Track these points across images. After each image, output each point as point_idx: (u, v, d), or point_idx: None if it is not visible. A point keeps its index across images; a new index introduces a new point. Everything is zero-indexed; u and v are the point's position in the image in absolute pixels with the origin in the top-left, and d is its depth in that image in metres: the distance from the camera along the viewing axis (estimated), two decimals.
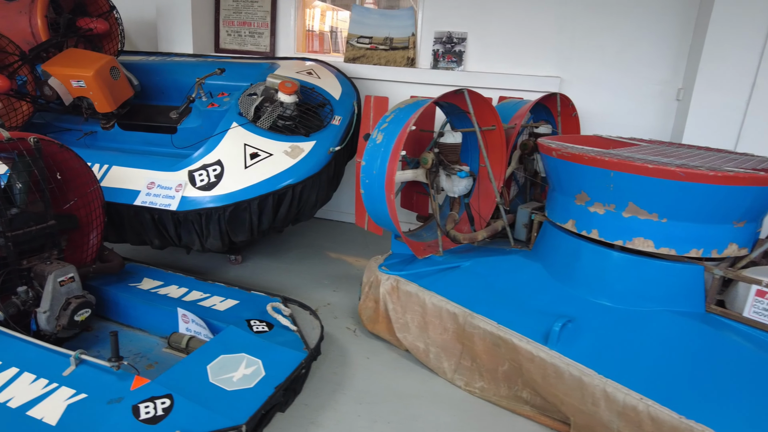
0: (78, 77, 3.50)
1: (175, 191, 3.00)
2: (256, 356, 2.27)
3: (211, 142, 3.14)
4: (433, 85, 4.17)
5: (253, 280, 3.54)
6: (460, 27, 4.09)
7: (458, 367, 2.57)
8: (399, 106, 2.87)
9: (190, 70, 4.09)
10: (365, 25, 4.36)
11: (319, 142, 3.24)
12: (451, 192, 2.83)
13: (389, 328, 2.82)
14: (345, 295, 3.41)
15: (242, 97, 3.38)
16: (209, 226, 2.97)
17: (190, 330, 2.58)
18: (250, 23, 4.59)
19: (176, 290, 2.89)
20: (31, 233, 2.46)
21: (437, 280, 2.72)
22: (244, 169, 3.03)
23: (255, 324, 2.54)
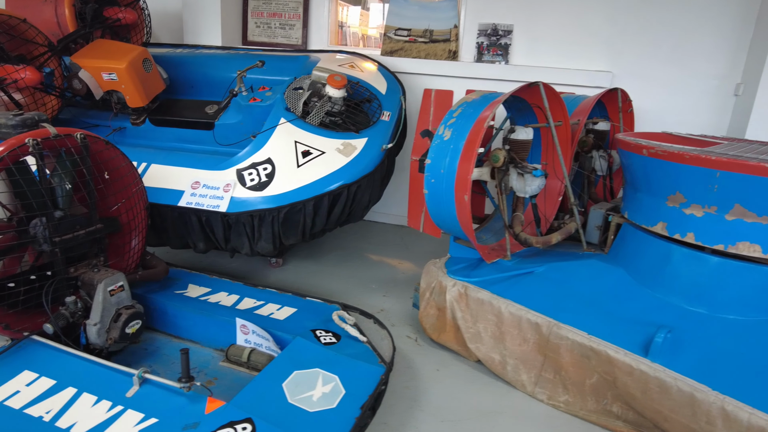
0: (110, 69, 3.29)
1: (223, 192, 2.80)
2: (332, 371, 2.09)
3: (259, 139, 2.94)
4: (477, 79, 3.99)
5: (298, 285, 3.35)
6: (506, 19, 3.92)
7: (539, 379, 2.40)
8: (465, 101, 2.69)
9: (222, 63, 3.89)
10: (403, 17, 4.17)
11: (370, 138, 3.06)
12: (522, 192, 2.66)
13: (458, 337, 2.65)
14: (397, 300, 3.23)
15: (288, 91, 3.19)
16: (261, 228, 2.77)
17: (249, 342, 2.39)
18: (281, 14, 4.38)
19: (227, 297, 2.70)
20: (78, 238, 2.26)
21: (511, 286, 2.55)
22: (297, 167, 2.84)
23: (322, 335, 2.35)
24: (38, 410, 1.82)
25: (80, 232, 2.26)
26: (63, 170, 2.20)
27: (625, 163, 2.56)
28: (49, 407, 1.83)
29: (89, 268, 2.30)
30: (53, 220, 2.17)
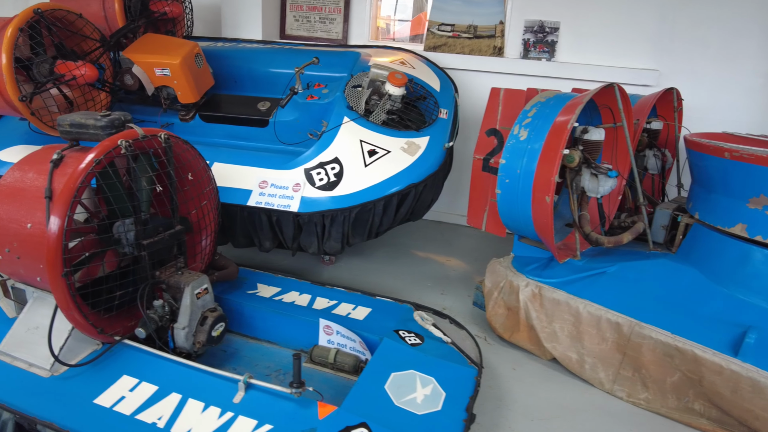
0: (163, 65, 3.23)
1: (293, 191, 2.79)
2: (427, 373, 2.11)
3: (324, 139, 2.92)
4: (522, 76, 3.99)
5: (355, 282, 3.35)
6: (553, 16, 3.91)
7: (617, 377, 2.44)
8: (539, 100, 2.70)
9: (267, 57, 3.84)
10: (447, 12, 4.15)
11: (432, 137, 3.05)
12: (595, 192, 2.68)
13: (531, 337, 2.68)
14: (456, 298, 3.25)
15: (347, 89, 3.16)
16: (332, 228, 2.76)
17: (332, 342, 2.40)
18: (321, 8, 4.32)
19: (299, 297, 2.69)
20: (164, 241, 2.23)
21: (586, 287, 2.58)
22: (365, 167, 2.83)
23: (406, 335, 2.36)
24: (149, 416, 1.81)
25: (164, 234, 2.24)
26: (147, 172, 2.17)
27: (699, 164, 2.59)
28: (159, 413, 1.83)
29: (174, 271, 2.27)
30: (140, 223, 2.14)
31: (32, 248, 1.99)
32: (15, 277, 2.18)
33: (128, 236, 2.14)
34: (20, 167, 2.15)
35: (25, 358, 2.02)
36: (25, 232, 2.00)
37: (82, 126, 2.12)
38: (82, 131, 2.13)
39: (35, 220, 1.98)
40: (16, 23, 2.67)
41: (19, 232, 2.01)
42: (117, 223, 2.15)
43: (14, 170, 2.14)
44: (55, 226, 1.81)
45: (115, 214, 2.15)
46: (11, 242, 2.03)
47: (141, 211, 2.16)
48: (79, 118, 2.14)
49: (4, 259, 2.09)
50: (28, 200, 2.02)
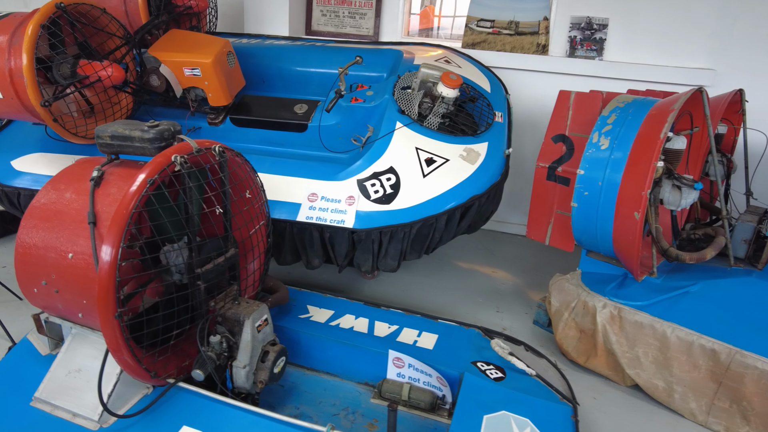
0: (194, 64, 2.94)
1: (346, 205, 2.54)
2: (521, 414, 1.89)
3: (377, 146, 2.67)
4: (569, 75, 3.77)
5: (402, 299, 3.12)
6: (601, 12, 3.68)
7: (711, 408, 2.24)
8: (617, 105, 2.47)
9: (299, 55, 3.56)
10: (487, 7, 3.90)
11: (491, 143, 2.81)
12: (676, 205, 2.47)
13: (611, 362, 2.47)
14: (513, 316, 3.03)
15: (396, 91, 2.91)
16: (390, 245, 2.52)
17: (403, 376, 2.17)
18: (351, 2, 4.05)
19: (355, 321, 2.45)
20: (219, 267, 1.97)
21: (670, 308, 2.37)
22: (423, 177, 2.59)
23: (485, 368, 2.14)
24: None
25: (220, 260, 1.98)
26: (203, 191, 1.91)
27: None
28: None
29: (230, 301, 2.02)
30: (194, 248, 1.88)
31: (74, 281, 1.73)
32: (51, 311, 1.92)
33: (178, 263, 1.88)
34: (55, 186, 1.88)
35: (69, 407, 1.76)
36: (65, 263, 1.73)
37: (126, 138, 1.85)
38: (126, 144, 1.86)
39: (77, 250, 1.72)
40: (38, 19, 2.37)
41: (59, 262, 1.74)
42: (165, 248, 1.89)
43: (49, 190, 1.87)
44: (107, 259, 1.55)
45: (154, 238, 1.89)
46: (49, 274, 1.77)
47: (195, 235, 1.90)
48: (122, 129, 1.87)
49: (40, 292, 1.82)
50: (67, 226, 1.76)
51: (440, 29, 4.38)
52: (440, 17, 4.41)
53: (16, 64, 2.43)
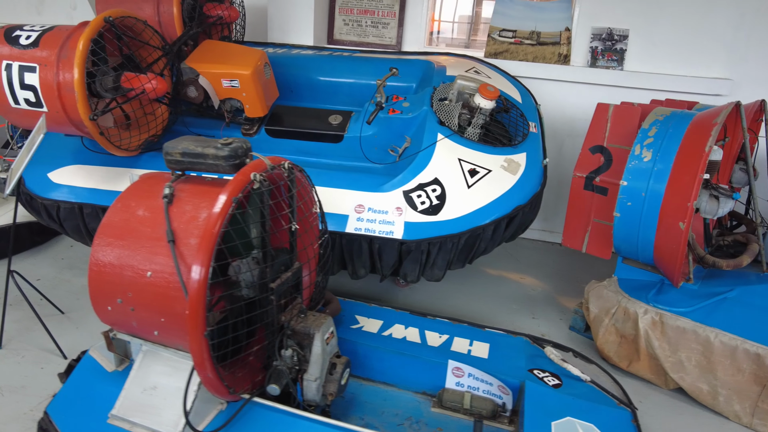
0: (232, 76, 2.96)
1: (394, 216, 2.57)
2: (584, 419, 1.95)
3: (421, 158, 2.71)
4: (590, 85, 3.86)
5: (437, 307, 3.17)
6: (622, 23, 3.78)
7: (755, 410, 2.33)
8: (656, 118, 2.56)
9: (328, 65, 3.59)
10: (509, 18, 3.97)
11: (529, 153, 2.88)
12: (713, 214, 2.57)
13: (653, 366, 2.55)
14: (549, 322, 3.10)
15: (435, 102, 2.96)
16: (438, 255, 2.57)
17: (462, 385, 2.21)
18: (374, 12, 4.09)
19: (406, 331, 2.49)
20: (288, 281, 2.00)
21: (710, 313, 2.46)
22: (467, 188, 2.64)
23: (542, 375, 2.20)
24: None
25: (287, 274, 2.00)
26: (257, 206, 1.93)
27: None
28: None
29: (297, 314, 2.04)
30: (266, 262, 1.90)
31: (153, 299, 1.74)
32: (122, 328, 1.92)
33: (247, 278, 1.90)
34: (125, 204, 1.88)
35: (148, 423, 1.76)
36: (143, 281, 1.74)
37: (198, 156, 1.86)
38: (198, 161, 1.87)
39: (156, 268, 1.73)
40: (89, 34, 2.36)
41: (136, 281, 1.75)
42: (234, 264, 1.90)
43: (119, 208, 1.87)
44: (197, 278, 1.56)
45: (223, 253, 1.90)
46: (125, 292, 1.77)
47: (266, 250, 1.92)
48: (194, 146, 1.88)
49: (114, 309, 1.82)
50: (143, 244, 1.76)
51: (440, 33, 4.44)
52: (440, 22, 4.48)
53: (65, 78, 2.42)
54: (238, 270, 1.91)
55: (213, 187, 1.89)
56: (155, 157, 2.93)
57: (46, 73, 2.44)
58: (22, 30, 2.57)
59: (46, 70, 2.44)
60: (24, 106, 2.56)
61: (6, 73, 2.49)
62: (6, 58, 2.49)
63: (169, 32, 3.12)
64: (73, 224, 2.84)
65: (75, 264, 3.35)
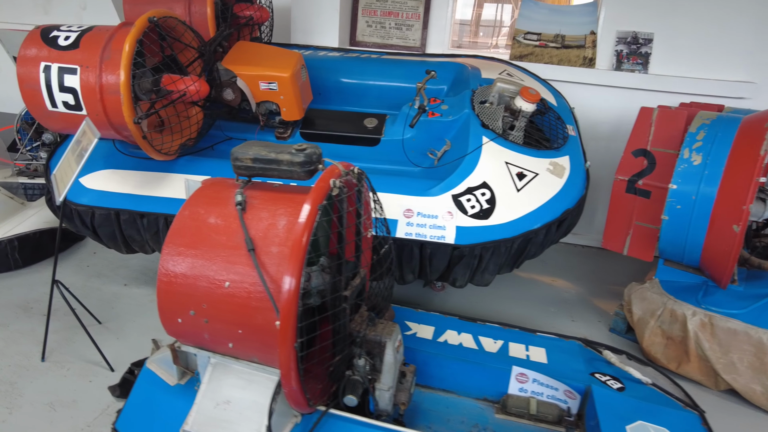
0: (271, 78, 2.90)
1: (444, 220, 2.55)
2: (656, 423, 1.95)
3: (468, 162, 2.69)
4: (614, 88, 3.89)
5: (475, 310, 3.15)
6: (646, 27, 3.82)
7: None
8: (703, 123, 2.58)
9: (357, 68, 3.56)
10: (534, 21, 3.99)
11: (571, 156, 2.88)
12: (759, 216, 2.60)
13: (703, 368, 2.57)
14: (588, 325, 3.11)
15: (476, 105, 2.94)
16: (491, 260, 2.55)
17: (524, 390, 2.20)
18: (398, 13, 4.06)
19: (460, 337, 2.46)
20: (357, 288, 1.95)
21: (762, 314, 2.49)
22: (517, 192, 2.63)
23: (605, 379, 2.19)
24: None
25: (356, 281, 1.96)
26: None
27: None
28: None
29: (367, 323, 1.99)
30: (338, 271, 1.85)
31: (230, 311, 1.68)
32: (191, 341, 1.85)
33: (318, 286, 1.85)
34: (193, 212, 1.81)
35: None
36: (220, 291, 1.68)
37: (271, 162, 1.81)
38: (270, 167, 1.82)
39: (234, 278, 1.67)
40: (135, 34, 2.28)
41: (212, 291, 1.68)
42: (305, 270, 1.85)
43: (186, 216, 1.80)
44: (289, 288, 1.51)
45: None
46: (199, 303, 1.71)
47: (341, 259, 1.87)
48: (266, 152, 1.82)
49: (185, 321, 1.76)
50: (219, 253, 1.70)
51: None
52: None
53: (108, 80, 2.34)
54: (307, 278, 1.87)
55: (285, 194, 1.84)
56: (191, 161, 2.85)
57: (87, 75, 2.36)
58: (59, 30, 2.47)
59: (88, 72, 2.36)
60: (62, 110, 2.46)
61: (44, 75, 2.39)
62: (45, 59, 2.39)
63: (201, 33, 3.04)
64: (109, 231, 2.74)
65: (101, 271, 3.24)
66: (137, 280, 3.15)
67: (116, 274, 3.20)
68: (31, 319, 2.68)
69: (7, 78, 4.74)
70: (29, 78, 2.41)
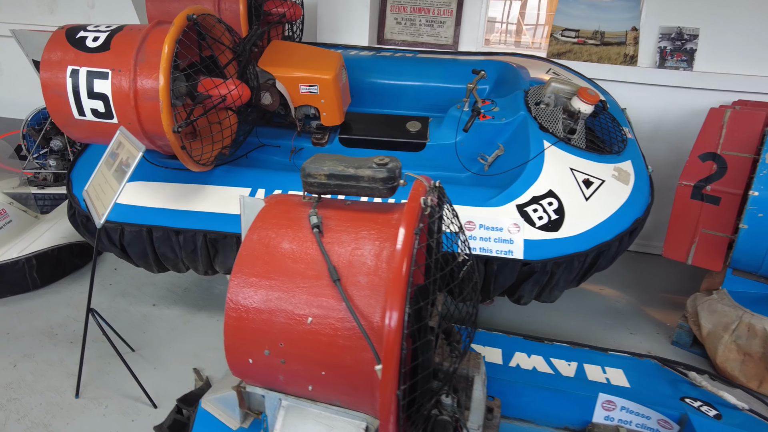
0: (312, 81, 2.68)
1: (510, 233, 2.36)
2: None
3: (531, 168, 2.50)
4: (657, 86, 3.73)
5: (528, 325, 2.98)
6: (691, 22, 3.66)
7: None
8: None
9: (393, 68, 3.37)
10: (572, 17, 3.80)
11: (634, 161, 2.71)
12: None
13: None
14: (648, 338, 2.95)
15: (532, 107, 2.75)
16: (562, 276, 2.36)
17: (611, 418, 2.01)
18: (429, 10, 3.85)
19: (529, 359, 2.28)
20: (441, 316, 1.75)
21: None
22: (585, 201, 2.44)
23: (697, 405, 2.02)
24: None
25: (439, 308, 1.76)
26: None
27: None
28: None
29: (448, 354, 1.80)
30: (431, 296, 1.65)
31: (314, 350, 1.47)
32: (261, 382, 1.64)
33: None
34: (263, 236, 1.60)
35: None
36: (301, 328, 1.47)
37: (350, 178, 1.60)
38: (348, 184, 1.61)
39: (319, 313, 1.46)
40: (174, 34, 2.05)
41: (292, 328, 1.48)
42: None
43: (255, 241, 1.59)
44: (392, 325, 1.31)
45: None
46: (276, 342, 1.50)
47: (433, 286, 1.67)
48: (343, 167, 1.61)
49: (257, 362, 1.55)
50: (298, 284, 1.50)
51: None
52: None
53: (143, 85, 2.11)
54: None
55: (362, 213, 1.64)
56: (228, 171, 2.62)
57: (120, 79, 2.12)
58: (86, 31, 2.23)
59: (121, 76, 2.12)
60: (90, 118, 2.22)
61: (71, 80, 2.15)
62: (71, 63, 2.15)
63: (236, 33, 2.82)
64: (140, 249, 2.51)
65: (127, 290, 3.00)
66: (166, 300, 2.92)
67: (142, 293, 2.96)
68: (58, 347, 2.45)
69: (9, 82, 4.46)
70: (54, 83, 2.17)
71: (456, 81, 3.28)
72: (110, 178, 2.06)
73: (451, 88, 3.29)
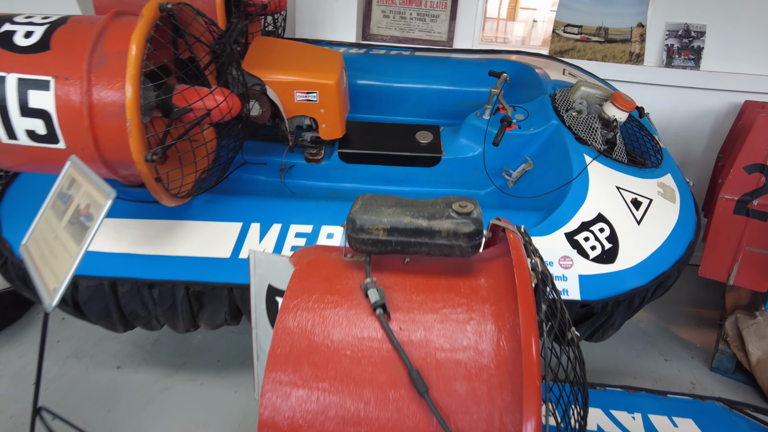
0: (311, 86, 2.21)
1: (563, 268, 2.00)
2: None
3: (576, 188, 2.16)
4: (664, 86, 3.52)
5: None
6: (699, 18, 3.46)
7: None
8: None
9: (391, 68, 2.95)
10: (575, 12, 3.51)
11: (673, 174, 2.44)
12: None
13: None
14: (685, 364, 2.72)
15: (565, 116, 2.42)
16: (620, 315, 2.04)
17: None
18: (420, 2, 3.42)
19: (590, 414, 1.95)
20: None
21: None
22: (638, 225, 2.14)
23: None
24: None
25: None
26: None
27: None
28: None
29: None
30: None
31: None
32: None
33: None
34: (303, 320, 1.14)
35: None
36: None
37: (421, 233, 1.16)
38: (419, 242, 1.17)
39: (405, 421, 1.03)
40: (144, 31, 1.51)
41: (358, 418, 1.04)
42: None
43: (296, 330, 1.12)
44: None
45: None
46: None
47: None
48: (409, 218, 1.18)
49: None
50: (362, 394, 1.05)
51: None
52: None
53: (102, 98, 1.56)
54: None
55: (431, 279, 1.21)
56: (210, 201, 2.09)
57: (67, 90, 1.56)
58: (13, 23, 1.64)
59: (68, 86, 1.56)
60: (25, 142, 1.64)
61: None
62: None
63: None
64: (100, 307, 1.94)
65: (81, 349, 2.39)
66: (133, 358, 2.35)
67: (101, 351, 2.37)
68: None
69: None
70: None
71: (464, 83, 2.92)
72: (62, 233, 1.48)
73: (458, 91, 2.92)
